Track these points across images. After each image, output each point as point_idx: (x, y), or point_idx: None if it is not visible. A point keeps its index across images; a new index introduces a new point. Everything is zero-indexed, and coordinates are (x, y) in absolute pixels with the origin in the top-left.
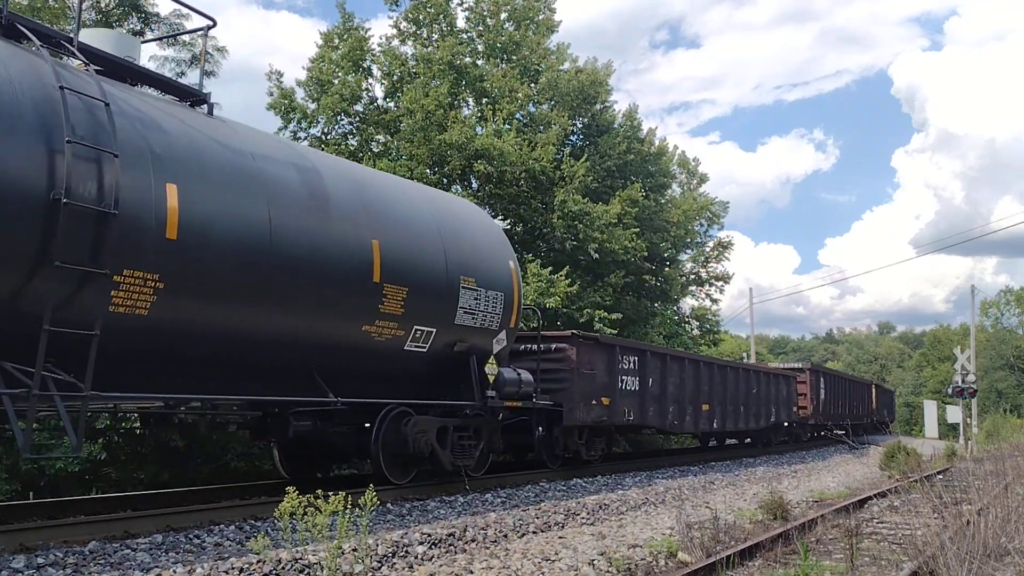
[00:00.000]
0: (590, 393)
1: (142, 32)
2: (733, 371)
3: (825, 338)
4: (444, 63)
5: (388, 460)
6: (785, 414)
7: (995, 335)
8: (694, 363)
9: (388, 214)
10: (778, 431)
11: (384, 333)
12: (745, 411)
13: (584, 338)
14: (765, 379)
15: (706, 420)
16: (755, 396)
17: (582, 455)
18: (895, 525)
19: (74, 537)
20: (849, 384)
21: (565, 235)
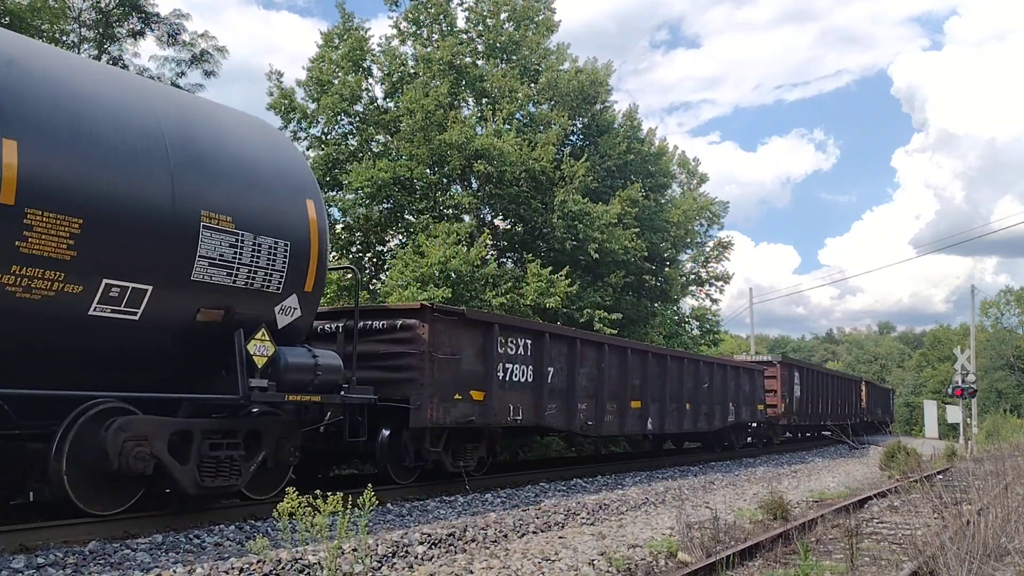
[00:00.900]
0: (451, 385)
1: (142, 32)
2: (676, 362)
3: (825, 338)
4: (444, 63)
5: (82, 483)
6: (748, 413)
7: (995, 335)
8: (618, 351)
9: (45, 99)
10: (741, 433)
11: (35, 287)
12: (693, 410)
13: (442, 312)
14: (721, 373)
15: (636, 420)
16: (706, 392)
17: (446, 466)
18: (895, 525)
19: (74, 537)
20: (832, 380)
21: (565, 235)
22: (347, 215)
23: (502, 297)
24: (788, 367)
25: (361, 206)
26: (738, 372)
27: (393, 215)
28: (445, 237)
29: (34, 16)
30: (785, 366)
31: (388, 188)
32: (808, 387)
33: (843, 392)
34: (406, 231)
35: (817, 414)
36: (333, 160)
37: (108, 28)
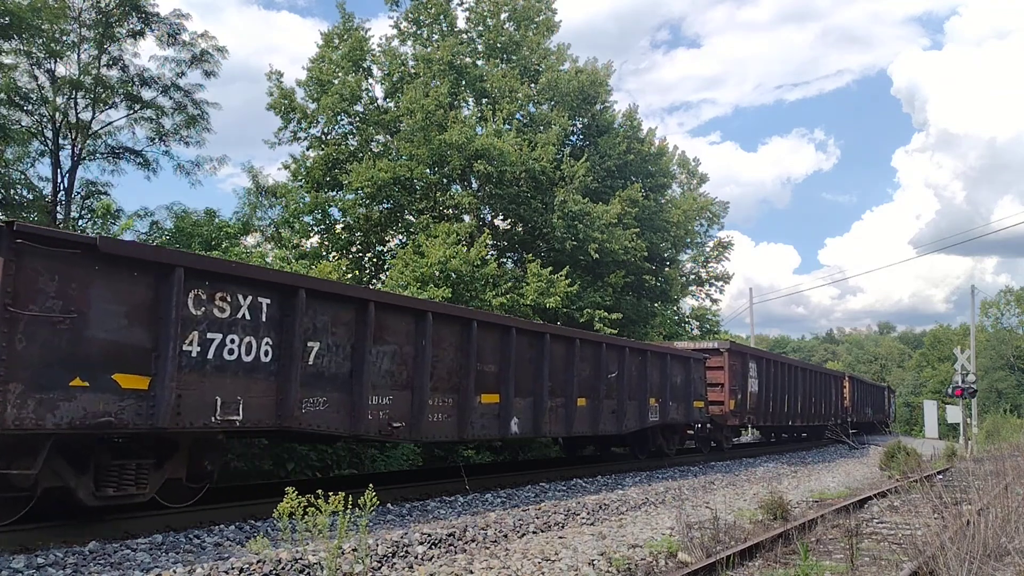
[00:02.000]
0: (60, 364)
1: (142, 32)
2: (562, 343)
3: (825, 338)
4: (444, 63)
5: None
6: (680, 411)
7: (995, 335)
8: (454, 323)
9: None
10: (674, 436)
11: None
12: (591, 407)
13: (42, 239)
14: (637, 361)
15: (491, 420)
16: (612, 385)
17: (79, 498)
18: (895, 525)
19: (74, 537)
20: (805, 375)
21: (565, 235)
22: (347, 215)
23: (502, 297)
24: (740, 356)
25: (361, 206)
26: (664, 360)
27: (393, 215)
28: (445, 237)
29: (34, 16)
30: (736, 355)
31: (388, 188)
32: (770, 381)
33: (819, 388)
34: (406, 231)
35: (783, 413)
36: (333, 160)
37: (108, 28)
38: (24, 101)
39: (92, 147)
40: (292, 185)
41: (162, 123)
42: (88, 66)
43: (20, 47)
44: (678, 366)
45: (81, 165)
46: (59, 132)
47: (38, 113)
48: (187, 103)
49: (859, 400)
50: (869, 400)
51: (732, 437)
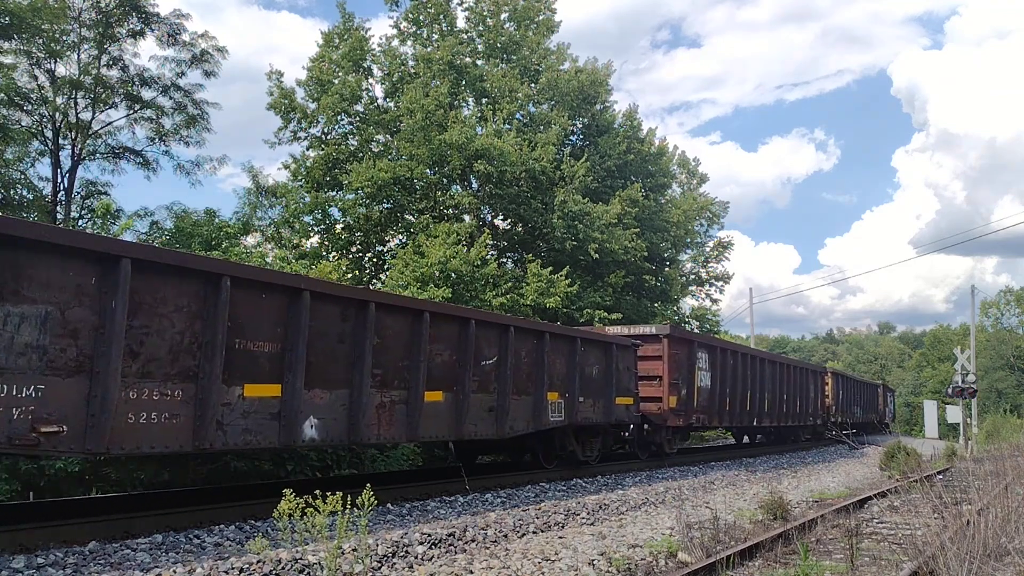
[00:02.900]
0: None
1: (142, 32)
2: (402, 318)
3: (825, 338)
4: (444, 63)
5: None
6: (598, 409)
7: (995, 335)
8: (197, 278)
9: None
10: (591, 439)
11: None
12: (453, 403)
13: None
14: (528, 345)
15: (260, 423)
16: (488, 375)
17: None
18: (895, 525)
19: (74, 537)
20: (774, 369)
21: (565, 235)
22: (347, 215)
23: (502, 297)
24: (684, 344)
25: (361, 206)
26: (571, 346)
27: (393, 215)
28: (445, 237)
29: (34, 16)
30: (678, 343)
31: (388, 188)
32: (727, 375)
33: (794, 385)
34: (406, 231)
35: (745, 413)
36: (333, 160)
37: (108, 28)
38: (24, 101)
39: (92, 147)
40: (292, 185)
41: (162, 123)
42: (88, 66)
43: (20, 47)
44: (594, 354)
45: (81, 165)
46: (59, 132)
47: (38, 113)
48: (187, 103)
49: (845, 398)
50: (858, 399)
51: (677, 440)
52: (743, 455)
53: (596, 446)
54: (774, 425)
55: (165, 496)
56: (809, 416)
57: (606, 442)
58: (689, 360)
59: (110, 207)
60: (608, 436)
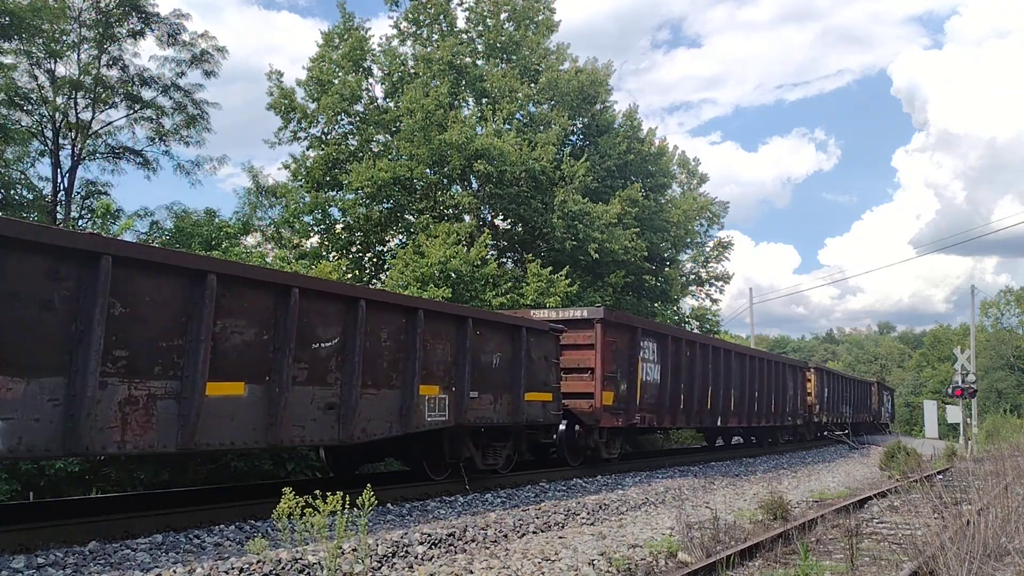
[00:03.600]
0: None
1: (142, 32)
2: (184, 282)
3: (825, 338)
4: (444, 63)
5: None
6: (501, 408)
7: (995, 335)
8: None
9: None
10: (496, 443)
11: None
12: (262, 399)
13: None
14: (391, 326)
15: None
16: (322, 363)
17: None
18: (895, 525)
19: (74, 537)
20: (743, 362)
21: (565, 235)
22: (347, 215)
23: (502, 297)
24: (625, 331)
25: (361, 206)
26: (461, 329)
27: (393, 215)
28: (445, 237)
29: (34, 16)
30: (617, 329)
31: (388, 188)
32: (683, 368)
33: (770, 381)
34: (406, 231)
35: (707, 412)
36: (333, 160)
37: (108, 28)
38: (24, 101)
39: (92, 147)
40: (292, 185)
41: (162, 123)
42: (88, 66)
43: (20, 47)
44: (495, 339)
45: (81, 165)
46: (59, 132)
47: (38, 113)
48: (187, 103)
49: (831, 397)
50: (848, 397)
51: (616, 444)
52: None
53: (502, 452)
54: (743, 426)
55: (165, 496)
56: (788, 416)
57: (518, 447)
58: (631, 350)
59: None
60: (520, 439)
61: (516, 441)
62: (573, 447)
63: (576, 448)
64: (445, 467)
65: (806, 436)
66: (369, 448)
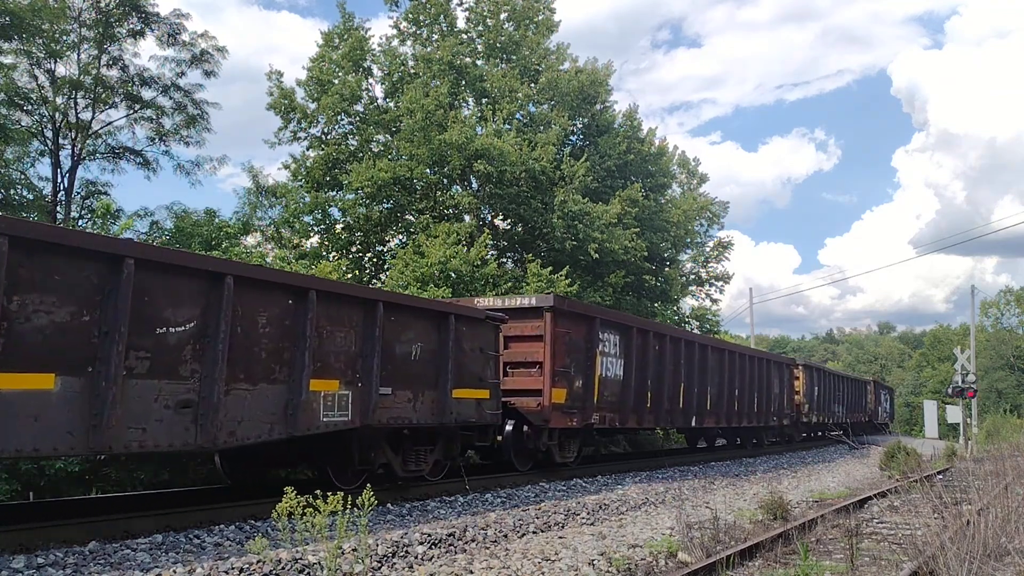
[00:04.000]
0: None
1: (142, 32)
2: None
3: (825, 338)
4: (444, 63)
5: None
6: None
7: (995, 335)
8: None
9: None
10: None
11: None
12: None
13: None
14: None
15: None
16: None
17: None
18: (895, 525)
19: (74, 537)
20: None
21: (565, 235)
22: (347, 215)
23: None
24: (580, 321)
25: (361, 206)
26: (369, 314)
27: (393, 215)
28: (445, 237)
29: (34, 16)
30: (570, 319)
31: (388, 188)
32: (649, 364)
33: (752, 378)
34: (406, 231)
35: (678, 411)
36: (333, 160)
37: (108, 28)
38: (24, 101)
39: (92, 147)
40: (292, 185)
41: (162, 123)
42: (88, 66)
43: (20, 47)
44: (414, 328)
45: (81, 165)
46: (59, 132)
47: (38, 113)
48: (187, 103)
49: (821, 396)
50: (840, 396)
51: (572, 446)
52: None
53: (428, 457)
54: (722, 426)
55: (165, 496)
56: (773, 415)
57: (449, 451)
58: (588, 342)
59: (110, 207)
60: (452, 442)
61: (446, 444)
62: (521, 450)
63: (524, 451)
64: (355, 474)
65: (794, 437)
66: (274, 452)
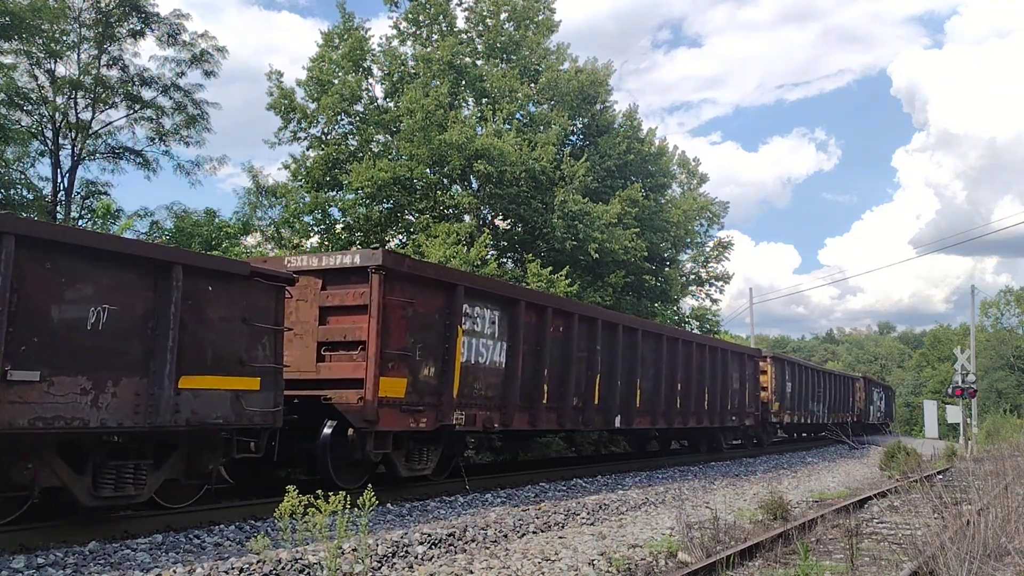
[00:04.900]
0: None
1: (142, 32)
2: None
3: (825, 338)
4: (444, 63)
5: None
6: (129, 404)
7: (995, 335)
8: None
9: None
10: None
11: None
12: None
13: None
14: None
15: None
16: None
17: None
18: (895, 525)
19: (74, 537)
20: (658, 345)
21: (565, 235)
22: (347, 215)
23: None
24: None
25: (361, 206)
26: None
27: (393, 215)
28: (445, 237)
29: (34, 16)
30: (413, 284)
31: (388, 188)
32: (549, 348)
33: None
34: (406, 231)
35: (592, 409)
36: (333, 160)
37: (108, 28)
38: (24, 101)
39: (92, 147)
40: (292, 185)
41: (162, 123)
42: (88, 66)
43: (20, 47)
44: (100, 282)
45: (81, 165)
46: (59, 132)
47: (38, 113)
48: (187, 103)
49: (796, 392)
50: (820, 394)
51: (428, 455)
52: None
53: (150, 477)
54: (660, 428)
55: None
56: (732, 415)
57: (192, 465)
58: (445, 317)
59: (110, 207)
60: (197, 454)
61: (186, 457)
62: (345, 460)
63: (350, 462)
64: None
65: (763, 440)
66: None
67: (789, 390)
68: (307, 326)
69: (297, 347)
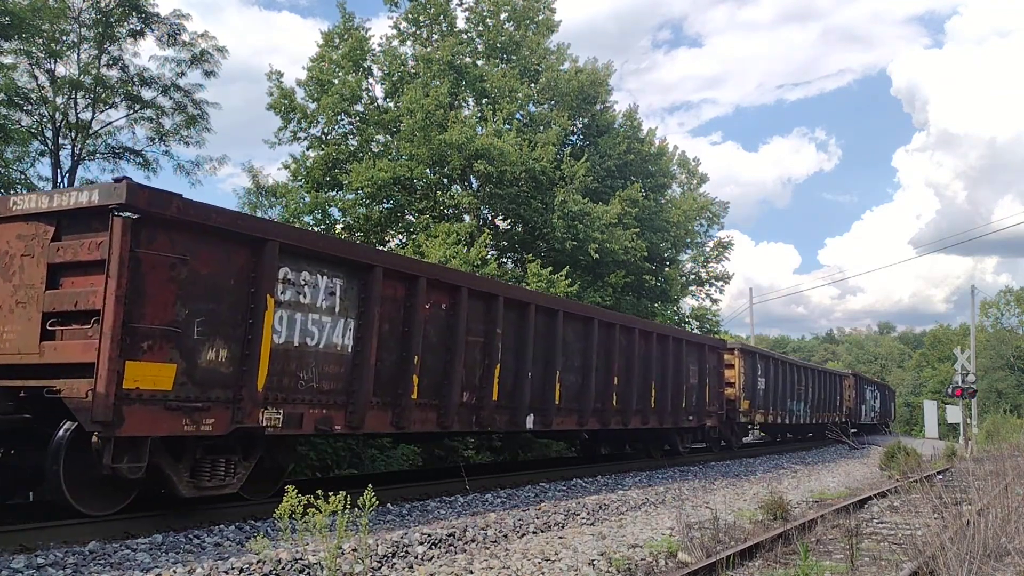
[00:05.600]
0: None
1: (142, 32)
2: None
3: (825, 338)
4: (444, 63)
5: None
6: None
7: (995, 335)
8: None
9: None
10: None
11: None
12: None
13: None
14: None
15: None
16: None
17: None
18: (895, 525)
19: (74, 537)
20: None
21: (565, 235)
22: (347, 215)
23: None
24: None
25: (361, 206)
26: None
27: (393, 215)
28: (445, 237)
29: (34, 16)
30: (195, 235)
31: (388, 188)
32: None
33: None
34: (406, 231)
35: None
36: (333, 160)
37: (108, 28)
38: (24, 101)
39: (92, 147)
40: (292, 185)
41: (162, 123)
42: (88, 66)
43: (20, 47)
44: None
45: (81, 165)
46: (59, 132)
47: (38, 113)
48: (187, 103)
49: (769, 389)
50: (799, 391)
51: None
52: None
53: None
54: (591, 429)
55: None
56: (688, 414)
57: None
58: (248, 283)
59: None
60: None
61: None
62: (89, 477)
63: (98, 480)
64: None
65: (731, 443)
66: None
67: (762, 387)
68: (33, 291)
69: (19, 319)
